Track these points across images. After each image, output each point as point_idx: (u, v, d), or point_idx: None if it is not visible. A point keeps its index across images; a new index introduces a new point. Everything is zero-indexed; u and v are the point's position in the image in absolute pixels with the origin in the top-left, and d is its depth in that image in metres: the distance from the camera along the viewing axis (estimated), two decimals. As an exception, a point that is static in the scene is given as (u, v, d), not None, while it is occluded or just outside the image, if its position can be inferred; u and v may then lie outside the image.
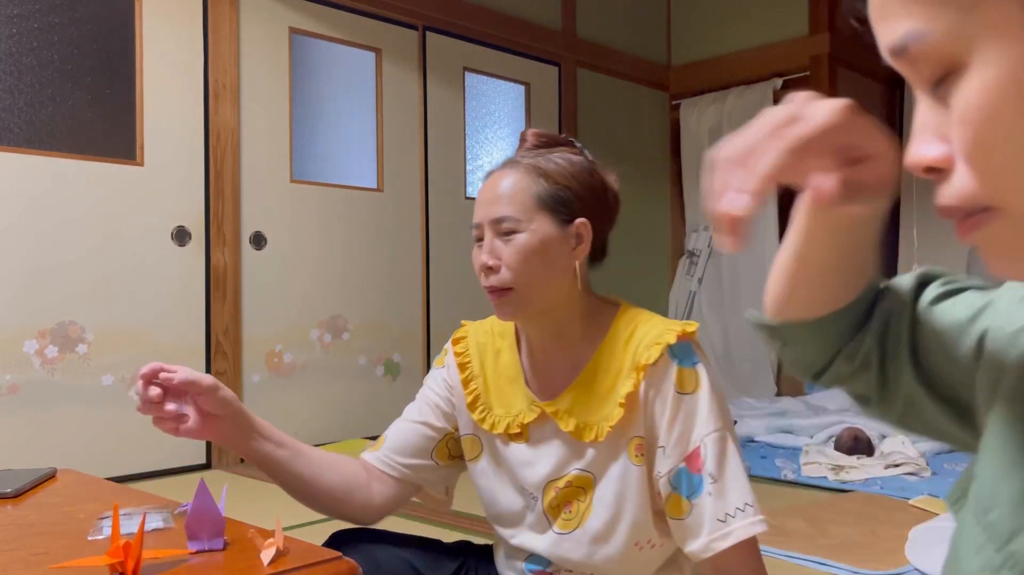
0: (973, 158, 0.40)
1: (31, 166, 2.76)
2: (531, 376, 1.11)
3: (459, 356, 1.16)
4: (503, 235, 1.04)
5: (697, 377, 1.00)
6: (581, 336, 1.09)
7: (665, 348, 1.00)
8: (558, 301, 1.07)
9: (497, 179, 1.06)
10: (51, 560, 0.83)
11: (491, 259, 1.03)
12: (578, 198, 1.07)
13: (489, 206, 1.05)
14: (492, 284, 1.04)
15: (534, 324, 1.09)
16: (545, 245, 1.04)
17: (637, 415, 1.02)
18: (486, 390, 1.13)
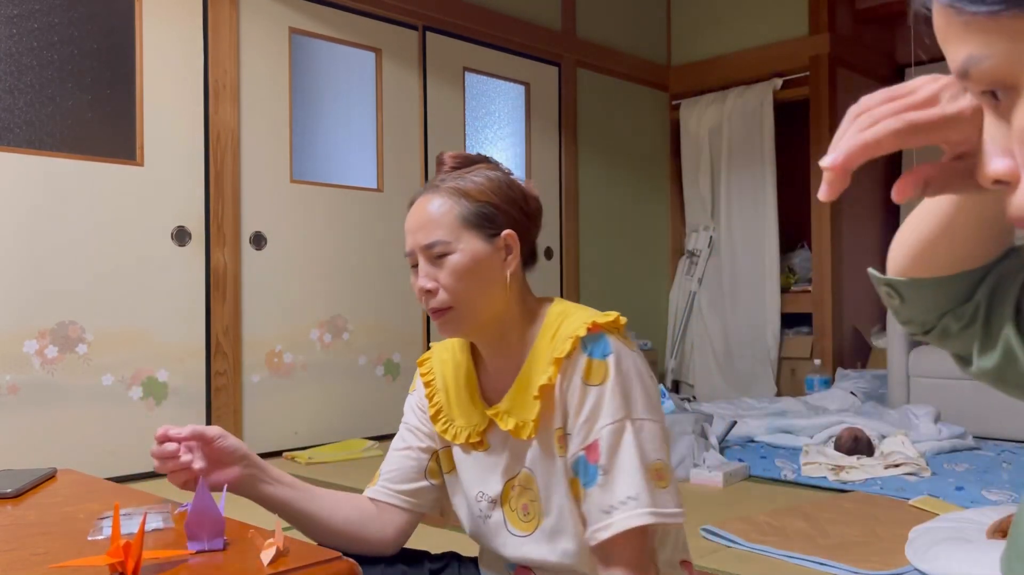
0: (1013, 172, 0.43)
1: (31, 166, 2.76)
2: (485, 385, 1.15)
3: (424, 375, 1.21)
4: (435, 258, 1.08)
5: (605, 368, 1.02)
6: (520, 340, 1.12)
7: (577, 340, 1.03)
8: (496, 311, 1.10)
9: (421, 205, 1.11)
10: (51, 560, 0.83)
11: (428, 282, 1.08)
12: (500, 211, 1.11)
13: (417, 232, 1.10)
14: (433, 306, 1.08)
15: (477, 336, 1.13)
16: (476, 262, 1.08)
17: (554, 407, 1.06)
18: (448, 403, 1.17)
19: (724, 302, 4.96)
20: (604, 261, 4.75)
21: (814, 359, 4.50)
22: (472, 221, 1.09)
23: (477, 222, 1.09)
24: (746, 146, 4.86)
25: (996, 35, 0.42)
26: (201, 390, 3.15)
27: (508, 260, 1.11)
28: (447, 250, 1.08)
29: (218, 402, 3.17)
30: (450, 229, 1.08)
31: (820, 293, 4.60)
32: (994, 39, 0.42)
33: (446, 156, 1.15)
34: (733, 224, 4.94)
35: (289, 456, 3.26)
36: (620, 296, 4.86)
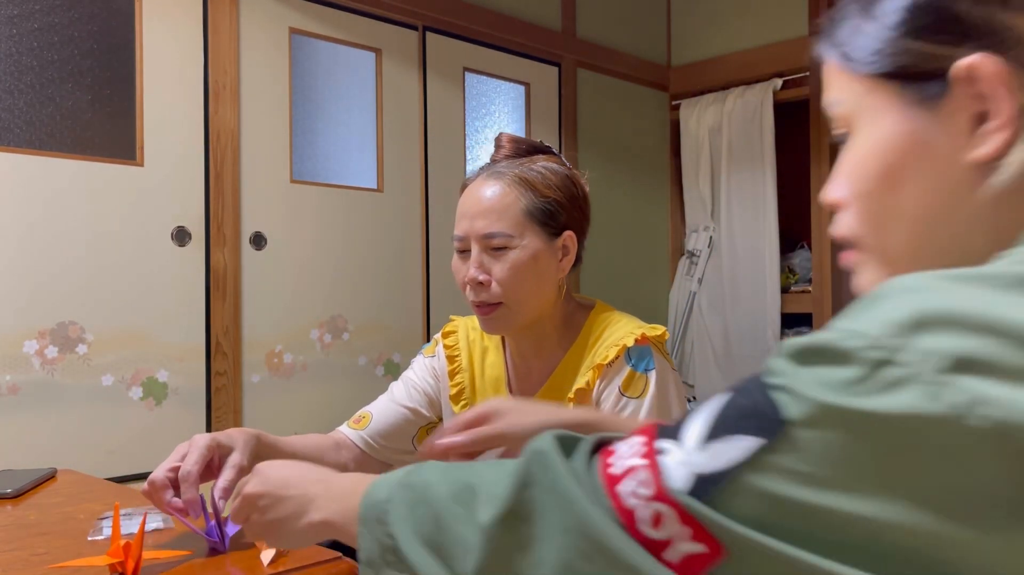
0: (847, 204, 0.56)
1: (31, 166, 2.76)
2: (513, 378, 1.13)
3: (449, 349, 1.18)
4: (492, 250, 1.03)
5: (645, 383, 1.01)
6: (557, 341, 1.10)
7: (623, 350, 1.01)
8: (543, 313, 1.08)
9: (481, 190, 1.05)
10: (51, 560, 0.83)
11: (481, 274, 1.04)
12: (564, 209, 1.08)
13: (477, 219, 1.04)
14: (483, 299, 1.04)
15: (516, 335, 1.10)
16: (536, 261, 1.04)
17: None
18: (471, 386, 1.14)
19: (724, 302, 4.96)
20: (604, 261, 4.75)
21: (814, 359, 4.49)
22: (537, 217, 1.05)
23: (541, 218, 1.05)
24: (746, 146, 4.86)
25: (849, 87, 0.55)
26: (201, 390, 3.15)
27: (563, 262, 1.08)
28: (508, 244, 1.03)
29: (218, 402, 3.17)
30: (514, 222, 1.03)
31: (820, 293, 4.60)
32: (848, 89, 0.56)
33: (505, 139, 1.11)
34: (733, 224, 4.94)
35: (289, 456, 3.26)
36: (620, 296, 4.85)
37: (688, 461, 0.44)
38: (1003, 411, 0.36)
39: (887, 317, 0.40)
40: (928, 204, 0.51)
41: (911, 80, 0.51)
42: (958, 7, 0.49)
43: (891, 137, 0.52)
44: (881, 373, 0.39)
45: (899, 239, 0.53)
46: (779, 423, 0.41)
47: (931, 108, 0.50)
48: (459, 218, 1.07)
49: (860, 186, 0.54)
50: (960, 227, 0.50)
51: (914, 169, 0.51)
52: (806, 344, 0.43)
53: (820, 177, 4.60)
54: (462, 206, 1.07)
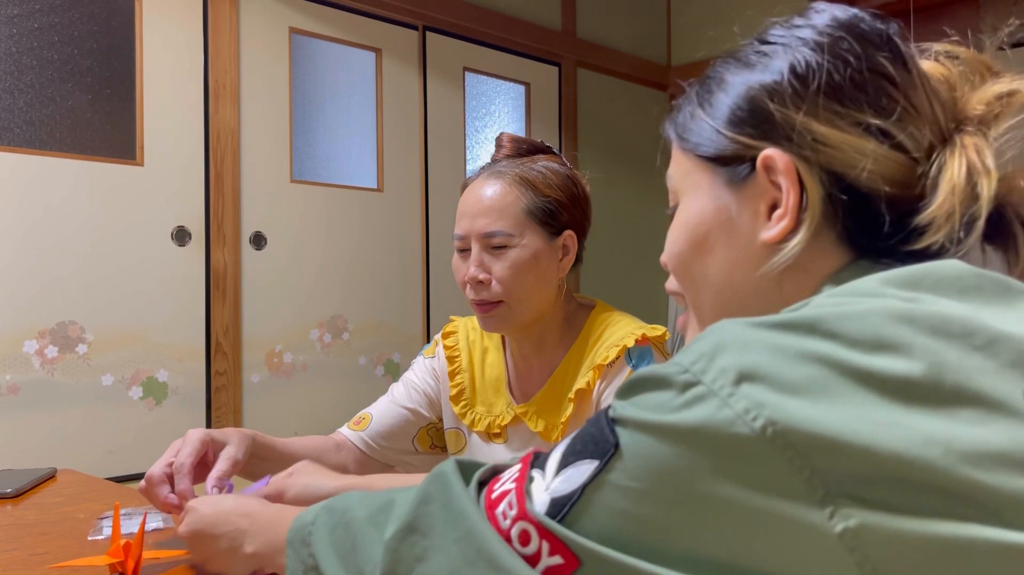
0: (669, 265, 0.65)
1: (31, 166, 2.76)
2: (513, 379, 1.12)
3: (449, 350, 1.18)
4: (493, 249, 1.03)
5: None
6: (558, 341, 1.10)
7: (623, 350, 1.01)
8: (542, 311, 1.08)
9: (481, 189, 1.06)
10: (51, 560, 0.83)
11: (481, 273, 1.04)
12: (564, 209, 1.08)
13: (477, 218, 1.04)
14: (483, 298, 1.04)
15: (517, 334, 1.10)
16: (536, 260, 1.04)
17: (588, 412, 1.04)
18: (471, 387, 1.14)
19: (724, 302, 4.96)
20: (604, 261, 4.75)
21: (814, 359, 4.49)
22: (537, 216, 1.05)
23: (542, 218, 1.05)
24: (746, 146, 4.86)
25: (676, 164, 0.66)
26: (201, 390, 3.15)
27: (564, 262, 1.08)
28: (508, 243, 1.03)
29: (218, 402, 3.17)
30: (515, 221, 1.03)
31: (820, 293, 4.60)
32: (675, 167, 0.67)
33: (505, 139, 1.11)
34: (733, 224, 4.94)
35: (289, 456, 3.26)
36: (620, 296, 4.86)
37: (547, 486, 0.50)
38: (775, 412, 0.42)
39: (697, 349, 0.47)
40: (726, 273, 0.59)
41: (725, 164, 0.59)
42: (768, 106, 0.57)
43: (704, 211, 0.60)
44: (688, 393, 0.45)
45: (705, 300, 0.61)
46: (612, 445, 0.47)
47: (738, 190, 0.58)
48: (459, 217, 1.07)
49: (676, 249, 0.63)
50: (750, 296, 0.58)
51: (718, 241, 0.59)
52: (636, 377, 0.49)
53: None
54: (463, 205, 1.07)
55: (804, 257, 0.55)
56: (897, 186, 0.54)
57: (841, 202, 0.54)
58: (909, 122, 0.54)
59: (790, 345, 0.45)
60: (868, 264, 0.55)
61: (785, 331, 0.46)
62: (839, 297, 0.49)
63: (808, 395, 0.43)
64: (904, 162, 0.54)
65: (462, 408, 1.13)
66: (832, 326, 0.45)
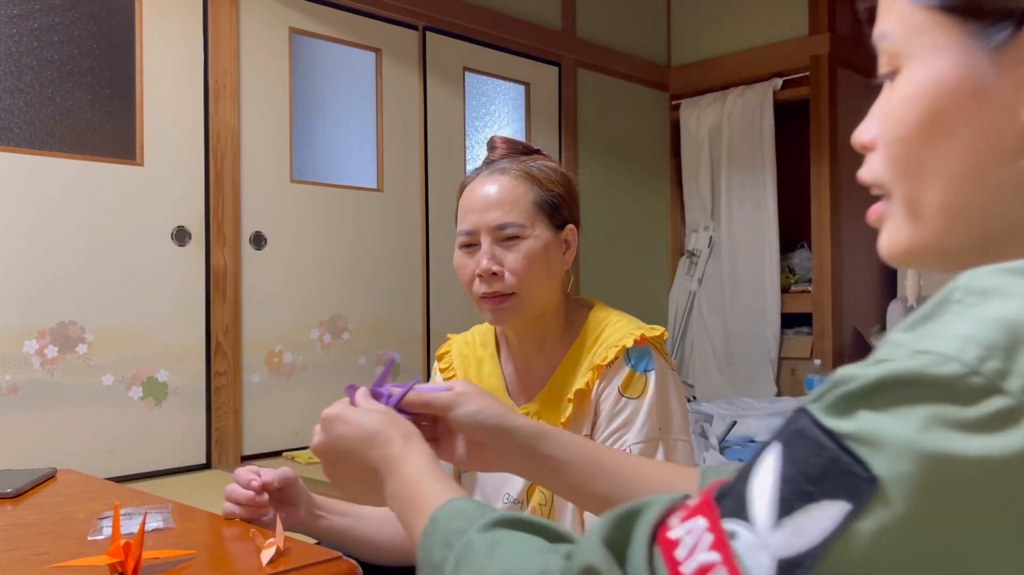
0: (882, 147, 0.49)
1: (31, 166, 2.76)
2: (511, 382, 1.13)
3: (444, 371, 1.18)
4: (504, 241, 1.04)
5: (644, 383, 1.01)
6: (559, 340, 1.10)
7: (622, 350, 1.02)
8: (548, 307, 1.08)
9: (486, 185, 1.07)
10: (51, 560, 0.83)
11: (494, 265, 1.04)
12: (566, 204, 1.09)
13: (487, 212, 1.05)
14: (496, 290, 1.04)
15: (520, 331, 1.10)
16: (547, 251, 1.05)
17: (587, 413, 1.04)
18: None
19: (724, 302, 4.96)
20: (604, 261, 4.75)
21: (814, 359, 4.50)
22: (544, 209, 1.06)
23: (548, 211, 1.06)
24: (746, 146, 4.86)
25: (903, 19, 0.48)
26: (201, 390, 3.15)
27: (567, 255, 1.09)
28: (521, 234, 1.04)
29: (218, 402, 3.18)
30: (526, 213, 1.05)
31: (820, 293, 4.60)
32: (901, 22, 0.49)
33: (498, 140, 1.12)
34: (733, 224, 4.94)
35: (289, 456, 3.26)
36: (620, 296, 4.85)
37: (766, 544, 0.36)
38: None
39: (975, 333, 0.34)
40: (972, 161, 0.45)
41: (979, 18, 0.45)
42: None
43: (944, 80, 0.46)
44: (986, 405, 0.32)
45: (932, 195, 0.47)
46: (869, 482, 0.34)
47: (996, 54, 0.44)
48: (465, 213, 1.07)
49: (897, 130, 0.48)
50: (1001, 193, 0.45)
51: (963, 119, 0.45)
52: (882, 376, 0.35)
53: (820, 177, 4.60)
54: (467, 202, 1.07)
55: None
56: None
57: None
58: None
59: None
60: None
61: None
62: None
63: None
64: None
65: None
66: None
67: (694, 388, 5.06)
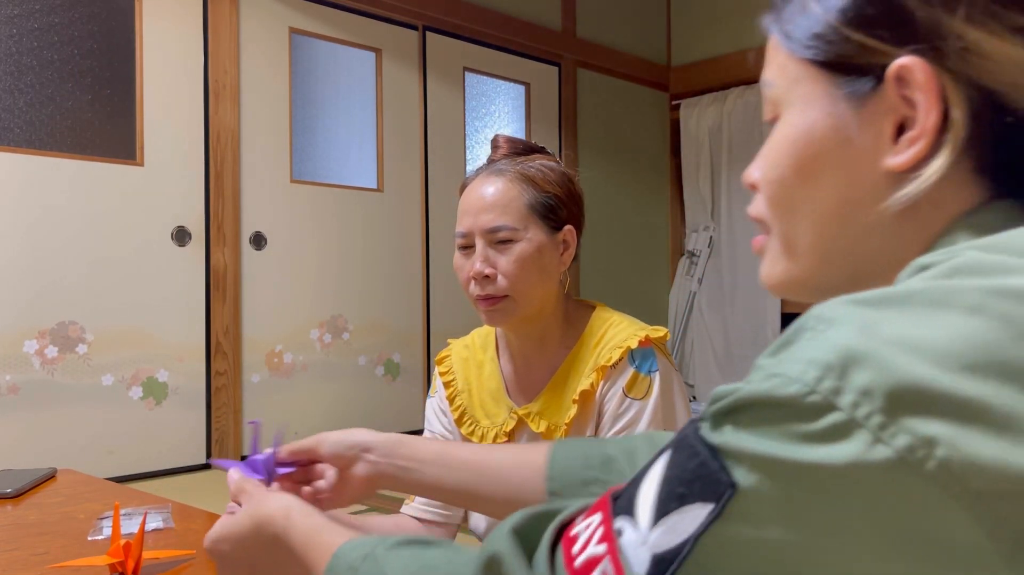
0: (761, 186, 0.55)
1: (31, 166, 2.76)
2: (511, 384, 1.13)
3: (444, 375, 1.18)
4: (497, 243, 1.05)
5: (649, 384, 1.01)
6: (559, 340, 1.10)
7: (626, 351, 1.02)
8: (545, 307, 1.09)
9: (483, 186, 1.07)
10: (51, 560, 0.83)
11: (487, 268, 1.05)
12: (563, 205, 1.09)
13: (480, 214, 1.06)
14: (488, 293, 1.05)
15: (519, 331, 1.11)
16: (540, 253, 1.06)
17: (591, 414, 1.04)
18: (471, 404, 1.15)
19: (724, 302, 4.96)
20: (604, 261, 4.75)
21: (814, 359, 4.49)
22: (539, 211, 1.07)
23: (543, 212, 1.07)
24: (746, 146, 4.87)
25: (781, 71, 0.55)
26: (201, 390, 3.15)
27: (564, 256, 1.09)
28: (513, 237, 1.05)
29: (218, 402, 3.17)
30: (518, 216, 1.05)
31: (820, 293, 4.60)
32: (780, 73, 0.55)
33: (501, 139, 1.12)
34: (733, 224, 4.94)
35: (289, 456, 3.25)
36: (620, 296, 4.86)
37: (645, 540, 0.41)
38: (951, 451, 0.33)
39: (818, 358, 0.37)
40: (837, 204, 0.50)
41: (844, 72, 0.49)
42: (907, 3, 0.46)
43: (814, 128, 0.50)
44: (823, 421, 0.36)
45: (804, 234, 0.52)
46: (729, 486, 0.38)
47: (859, 105, 0.48)
48: (461, 215, 1.08)
49: (773, 172, 0.53)
50: (863, 235, 0.49)
51: (830, 166, 0.50)
52: (740, 396, 0.40)
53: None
54: (464, 203, 1.08)
55: (936, 190, 0.46)
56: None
57: (989, 126, 0.45)
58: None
59: (956, 349, 0.35)
60: (1011, 205, 0.46)
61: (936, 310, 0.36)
62: (998, 255, 0.39)
63: (989, 422, 0.34)
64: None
65: (468, 427, 1.13)
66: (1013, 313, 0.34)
67: (694, 388, 5.06)
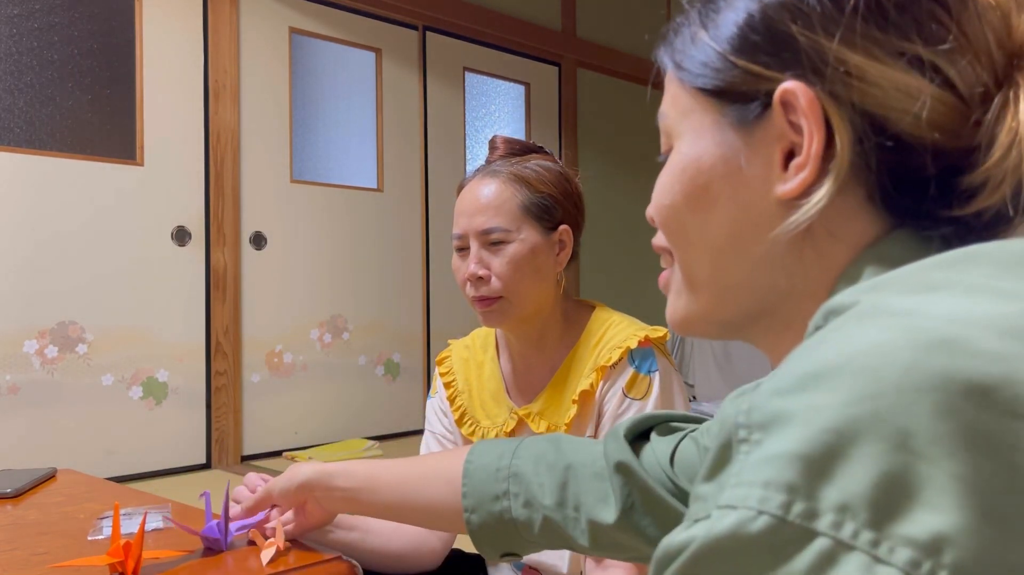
0: (656, 216, 0.55)
1: (31, 166, 2.76)
2: (511, 383, 1.13)
3: (444, 376, 1.19)
4: (491, 245, 1.05)
5: (649, 384, 1.01)
6: (559, 340, 1.11)
7: (626, 351, 1.02)
8: (542, 306, 1.09)
9: (477, 188, 1.08)
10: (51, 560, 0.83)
11: (480, 269, 1.05)
12: (559, 204, 1.09)
13: (474, 216, 1.06)
14: (482, 294, 1.06)
15: (517, 331, 1.11)
16: (534, 254, 1.06)
17: (591, 413, 1.04)
18: (471, 404, 1.15)
19: (724, 302, 4.96)
20: (604, 261, 4.75)
21: (814, 359, 4.49)
22: (532, 212, 1.07)
23: (537, 213, 1.07)
24: (746, 146, 4.87)
25: (673, 104, 0.55)
26: (201, 390, 3.15)
27: (561, 256, 1.10)
28: (506, 238, 1.05)
29: (218, 402, 3.18)
30: (511, 217, 1.06)
31: (820, 293, 4.60)
32: (672, 105, 0.55)
33: (499, 140, 1.13)
34: (733, 224, 4.95)
35: (289, 456, 3.26)
36: (620, 296, 4.86)
37: None
38: (961, 556, 0.27)
39: (771, 476, 0.30)
40: (729, 234, 0.49)
41: (732, 100, 0.49)
42: (790, 29, 0.46)
43: (704, 157, 0.50)
44: (808, 552, 0.29)
45: (701, 264, 0.52)
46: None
47: (748, 133, 0.48)
48: (457, 217, 1.09)
49: (664, 199, 0.54)
50: (759, 264, 0.48)
51: (721, 195, 0.49)
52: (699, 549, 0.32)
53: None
54: (459, 205, 1.09)
55: (829, 220, 0.45)
56: (945, 134, 0.44)
57: (875, 152, 0.44)
58: (961, 55, 0.44)
59: (924, 426, 0.29)
60: (911, 235, 0.45)
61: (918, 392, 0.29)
62: (923, 295, 0.34)
63: (992, 518, 0.28)
64: (954, 105, 0.44)
65: (468, 428, 1.13)
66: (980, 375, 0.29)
67: (694, 388, 5.06)
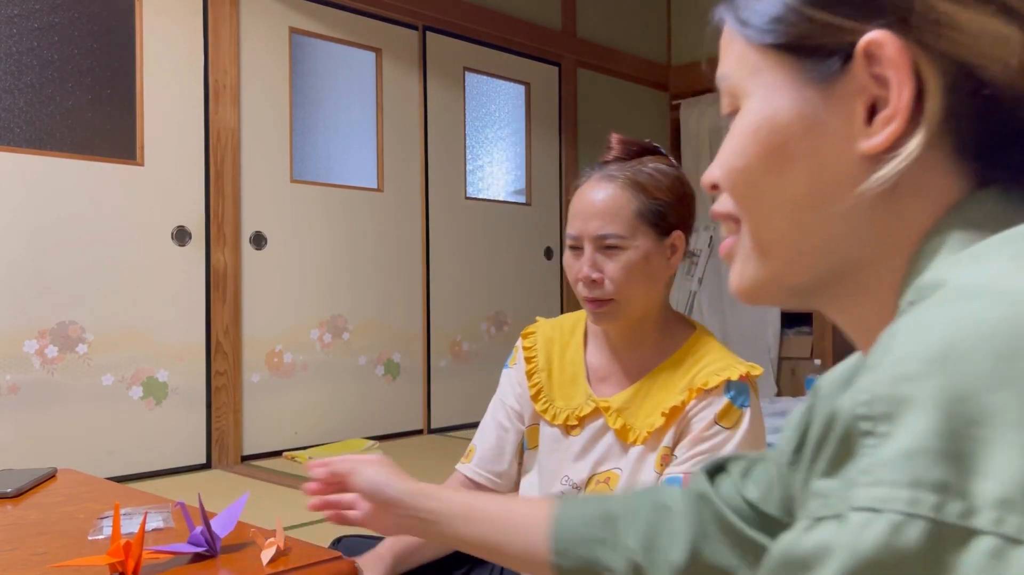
0: (725, 180, 0.52)
1: (31, 166, 2.76)
2: (594, 372, 1.16)
3: (527, 350, 1.21)
4: (605, 249, 1.07)
5: (739, 418, 1.04)
6: (653, 345, 1.13)
7: (725, 380, 1.04)
8: (650, 310, 1.11)
9: (594, 191, 1.10)
10: (51, 560, 0.83)
11: (594, 273, 1.08)
12: (673, 210, 1.11)
13: (589, 220, 1.09)
14: (595, 296, 1.08)
15: (625, 329, 1.13)
16: (647, 260, 1.08)
17: (672, 428, 1.07)
18: (549, 383, 1.18)
19: (724, 302, 4.96)
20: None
21: (814, 359, 4.50)
22: (648, 218, 1.09)
23: (652, 220, 1.09)
24: (746, 146, 4.87)
25: (739, 63, 0.51)
26: (201, 390, 3.15)
27: (673, 260, 1.11)
28: (620, 244, 1.07)
29: (218, 402, 3.18)
30: (627, 224, 1.08)
31: (820, 293, 4.60)
32: (738, 65, 0.52)
33: (614, 140, 1.14)
34: (733, 224, 4.94)
35: (289, 456, 3.26)
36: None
37: None
38: None
39: (917, 474, 0.28)
40: (809, 192, 0.46)
41: (809, 55, 0.46)
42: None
43: (779, 115, 0.47)
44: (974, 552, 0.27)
45: (776, 226, 0.48)
46: None
47: (827, 88, 0.45)
48: (572, 218, 1.12)
49: (737, 162, 0.50)
50: (841, 223, 0.46)
51: (800, 152, 0.46)
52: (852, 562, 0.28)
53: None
54: (575, 207, 1.12)
55: (915, 175, 0.43)
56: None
57: (967, 101, 0.42)
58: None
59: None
60: (997, 194, 0.43)
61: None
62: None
63: None
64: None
65: (543, 405, 1.16)
66: None
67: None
